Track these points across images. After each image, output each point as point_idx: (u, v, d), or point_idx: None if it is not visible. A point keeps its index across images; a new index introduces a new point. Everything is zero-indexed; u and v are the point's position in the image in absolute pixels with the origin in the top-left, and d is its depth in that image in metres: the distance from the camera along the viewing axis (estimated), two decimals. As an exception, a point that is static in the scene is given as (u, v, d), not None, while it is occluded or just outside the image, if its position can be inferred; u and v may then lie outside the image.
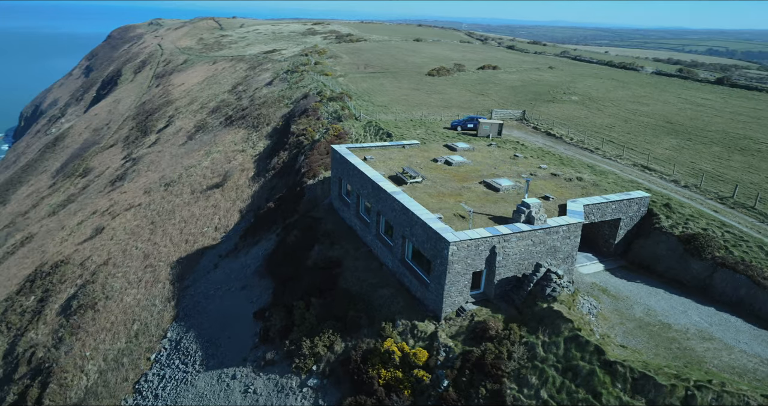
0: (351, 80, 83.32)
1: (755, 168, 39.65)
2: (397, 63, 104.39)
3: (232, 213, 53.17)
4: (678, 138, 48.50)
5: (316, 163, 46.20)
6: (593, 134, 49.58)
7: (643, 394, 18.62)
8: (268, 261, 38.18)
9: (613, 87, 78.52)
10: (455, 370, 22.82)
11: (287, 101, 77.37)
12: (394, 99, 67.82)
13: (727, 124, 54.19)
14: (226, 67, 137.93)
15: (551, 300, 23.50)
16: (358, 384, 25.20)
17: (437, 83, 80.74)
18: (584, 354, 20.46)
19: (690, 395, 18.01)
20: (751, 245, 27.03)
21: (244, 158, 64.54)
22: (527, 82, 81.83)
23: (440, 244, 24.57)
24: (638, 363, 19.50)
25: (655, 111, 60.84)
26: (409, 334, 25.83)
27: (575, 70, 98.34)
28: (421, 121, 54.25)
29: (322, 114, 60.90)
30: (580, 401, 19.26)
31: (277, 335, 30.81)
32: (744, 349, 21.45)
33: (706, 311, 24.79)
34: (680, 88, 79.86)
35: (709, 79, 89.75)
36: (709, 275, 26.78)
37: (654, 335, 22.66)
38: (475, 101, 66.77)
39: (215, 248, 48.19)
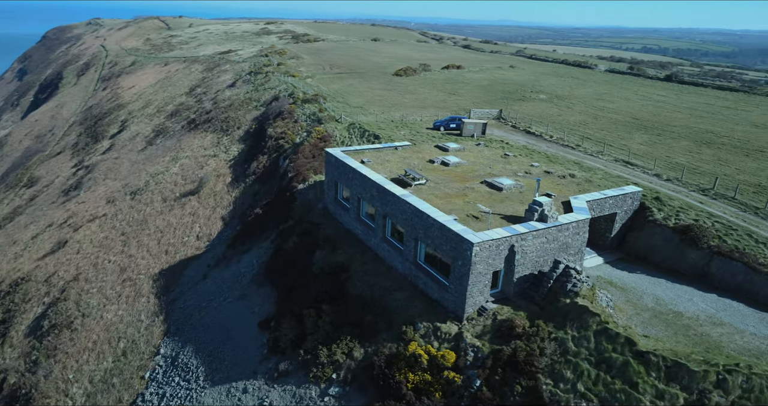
0: (320, 81, 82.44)
1: (724, 160, 42.36)
2: (361, 63, 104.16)
3: (214, 221, 51.51)
4: (648, 134, 51.10)
5: (303, 167, 45.47)
6: (569, 132, 51.42)
7: (676, 381, 19.59)
8: (266, 269, 37.27)
9: (575, 85, 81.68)
10: (486, 369, 23.16)
11: (256, 104, 75.65)
12: (368, 100, 67.69)
13: (687, 120, 57.58)
14: (180, 69, 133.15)
15: (573, 295, 24.27)
16: (384, 389, 25.09)
17: (407, 83, 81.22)
18: (615, 346, 21.29)
19: (721, 379, 19.12)
20: (741, 234, 28.91)
21: (217, 163, 62.62)
22: (494, 81, 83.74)
23: (462, 245, 24.84)
24: (668, 352, 20.50)
25: (620, 108, 63.81)
26: (432, 336, 25.97)
27: (535, 69, 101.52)
28: (403, 122, 54.47)
29: (299, 116, 59.98)
30: (617, 392, 20.03)
31: (289, 345, 30.17)
32: (754, 332, 22.97)
33: (709, 298, 26.32)
34: (635, 86, 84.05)
35: (659, 76, 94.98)
36: (707, 263, 28.44)
37: (670, 323, 23.85)
38: (448, 101, 67.67)
39: (200, 257, 46.55)
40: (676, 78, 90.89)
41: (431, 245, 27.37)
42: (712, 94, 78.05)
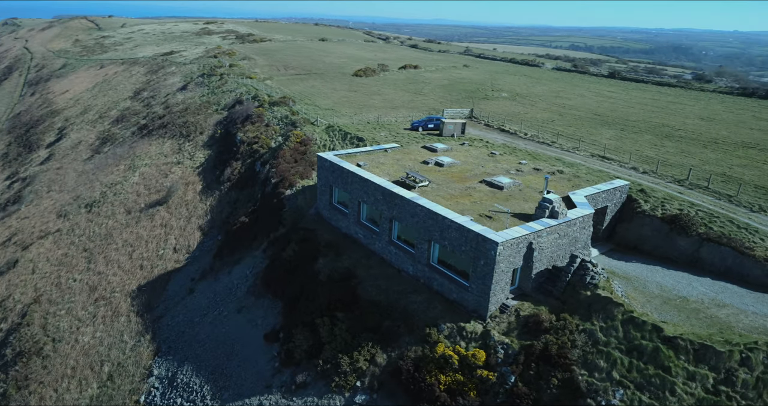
0: (280, 83, 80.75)
1: (687, 152, 45.59)
2: (316, 64, 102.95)
3: (191, 231, 49.30)
4: (613, 129, 54.04)
5: (288, 172, 44.47)
6: (540, 129, 53.44)
7: (705, 362, 21.02)
8: (263, 279, 36.19)
9: (531, 83, 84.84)
10: (520, 365, 23.78)
11: (216, 107, 73.01)
12: (337, 102, 67.08)
13: (642, 115, 61.40)
14: (119, 72, 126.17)
15: (593, 287, 25.38)
16: (415, 393, 25.16)
17: (369, 84, 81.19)
18: (644, 333, 22.51)
19: (745, 357, 20.71)
20: (723, 221, 31.29)
21: (184, 171, 59.94)
22: (453, 80, 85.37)
23: (485, 245, 25.31)
24: (693, 335, 21.94)
25: (579, 105, 67.01)
26: (458, 336, 26.30)
27: (488, 68, 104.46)
28: (379, 123, 54.47)
29: (270, 120, 58.53)
30: (651, 377, 21.21)
31: (304, 356, 29.54)
32: (755, 311, 25.00)
33: (705, 282, 28.34)
34: (584, 83, 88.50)
35: (603, 73, 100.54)
36: (696, 249, 30.58)
37: (680, 308, 25.47)
38: (416, 101, 68.33)
39: (182, 271, 44.48)
40: (618, 75, 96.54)
41: (448, 247, 27.66)
42: (654, 90, 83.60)
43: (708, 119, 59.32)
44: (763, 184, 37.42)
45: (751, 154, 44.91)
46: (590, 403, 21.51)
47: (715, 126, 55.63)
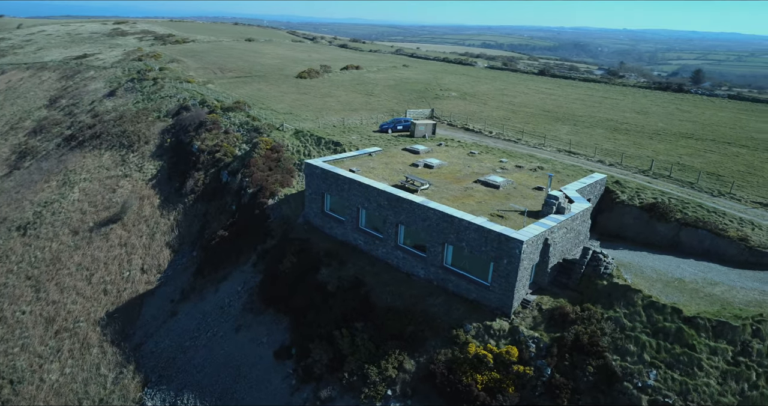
0: (223, 87, 77.32)
1: (639, 144, 49.60)
2: (252, 66, 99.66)
3: (157, 249, 46.02)
4: (566, 124, 57.46)
5: (264, 181, 42.83)
6: (502, 127, 55.62)
7: (723, 337, 23.20)
8: (260, 295, 34.72)
9: (472, 82, 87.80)
10: (554, 357, 24.83)
11: (157, 114, 68.51)
12: (291, 105, 65.44)
13: (585, 110, 65.81)
14: (25, 78, 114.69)
15: (608, 277, 27.05)
16: (452, 395, 25.45)
17: (317, 86, 79.97)
18: (665, 316, 24.38)
19: (755, 329, 23.12)
20: (694, 206, 34.51)
21: (134, 185, 55.75)
22: (399, 81, 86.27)
23: (509, 244, 26.10)
24: (708, 314, 24.10)
25: (526, 102, 70.47)
26: (485, 335, 26.92)
27: (427, 68, 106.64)
28: (345, 127, 53.96)
29: (229, 127, 55.95)
30: (679, 355, 23.06)
31: (325, 370, 28.81)
32: (743, 286, 27.87)
33: (691, 264, 31.12)
34: (521, 80, 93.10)
35: (533, 71, 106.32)
36: (676, 234, 33.49)
37: (680, 289, 27.80)
38: (371, 102, 68.34)
39: (156, 293, 41.51)
40: (548, 72, 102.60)
41: (466, 248, 28.17)
42: (584, 86, 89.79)
43: (642, 113, 64.81)
44: (711, 170, 41.62)
45: (691, 144, 49.76)
46: (627, 386, 22.98)
47: (651, 119, 60.93)
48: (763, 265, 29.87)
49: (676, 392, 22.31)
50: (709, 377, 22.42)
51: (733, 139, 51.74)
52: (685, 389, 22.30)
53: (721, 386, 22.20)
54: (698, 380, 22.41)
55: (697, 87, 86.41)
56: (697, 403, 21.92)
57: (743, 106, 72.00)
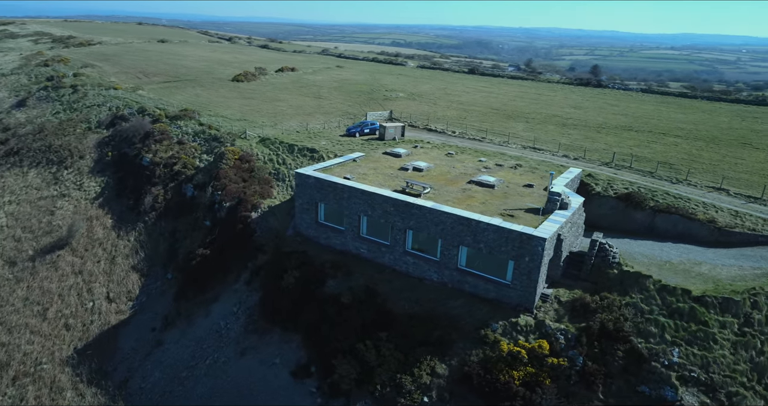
0: (155, 93, 72.08)
1: (591, 138, 53.36)
2: (177, 69, 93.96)
3: (122, 274, 42.08)
4: (518, 121, 60.32)
5: (241, 193, 40.68)
6: (460, 126, 57.21)
7: (728, 311, 25.84)
8: (262, 314, 33.07)
9: (412, 82, 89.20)
10: (584, 346, 26.21)
11: (87, 125, 62.54)
12: (241, 111, 62.54)
13: (528, 107, 69.49)
14: None
15: (617, 266, 28.99)
16: (491, 394, 25.99)
17: (259, 90, 77.09)
18: (677, 297, 26.63)
19: (753, 301, 26.01)
20: (661, 194, 37.89)
21: (77, 205, 50.51)
22: (341, 82, 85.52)
23: (531, 242, 27.11)
24: (712, 291, 26.69)
25: (472, 101, 72.96)
26: (513, 331, 27.76)
27: (361, 68, 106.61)
28: (309, 132, 52.65)
29: (182, 136, 52.34)
30: (696, 332, 25.36)
31: (354, 385, 28.16)
32: (722, 263, 31.12)
33: (671, 247, 34.18)
34: (457, 79, 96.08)
35: (464, 70, 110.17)
36: (651, 220, 36.60)
37: (673, 271, 30.46)
38: (323, 105, 67.17)
39: (131, 322, 38.09)
40: (477, 71, 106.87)
41: (484, 249, 28.81)
42: (514, 83, 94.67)
43: (578, 108, 69.72)
44: (661, 160, 45.84)
45: (634, 136, 54.45)
46: (655, 365, 24.87)
47: (589, 113, 65.77)
48: (731, 243, 33.55)
49: (699, 366, 24.54)
50: (723, 349, 24.90)
51: (665, 129, 57.33)
52: (705, 362, 24.60)
53: (733, 355, 24.76)
54: (715, 352, 24.80)
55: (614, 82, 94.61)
56: (717, 373, 24.27)
57: (658, 99, 79.90)
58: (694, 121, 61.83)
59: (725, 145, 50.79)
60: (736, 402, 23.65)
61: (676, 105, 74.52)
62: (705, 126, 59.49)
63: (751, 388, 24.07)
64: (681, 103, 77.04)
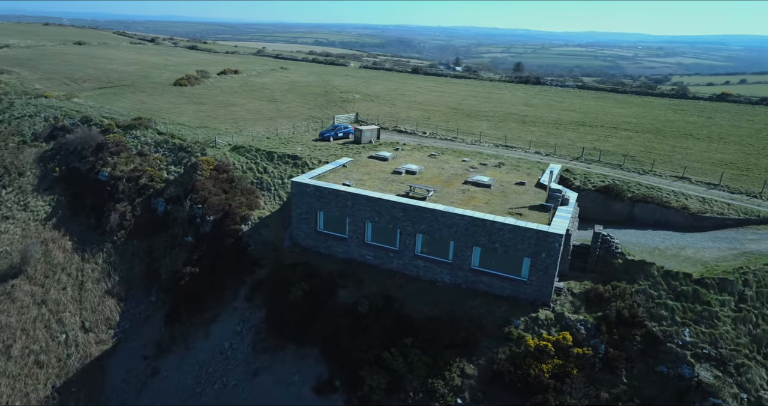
0: (92, 100, 66.68)
1: (553, 134, 56.07)
2: (107, 74, 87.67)
3: (96, 301, 38.61)
4: (480, 120, 62.07)
5: (227, 205, 38.67)
6: (427, 126, 57.94)
7: (725, 290, 28.31)
8: (274, 330, 31.75)
9: (363, 83, 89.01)
10: (604, 334, 27.64)
11: (21, 138, 56.70)
12: (197, 118, 59.34)
13: (484, 105, 71.71)
14: None
15: (620, 256, 30.79)
16: (523, 389, 26.72)
17: (208, 94, 73.51)
18: (680, 281, 28.76)
19: (744, 280, 28.69)
20: (635, 185, 40.69)
21: (25, 227, 45.66)
22: (291, 85, 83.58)
23: (548, 239, 28.14)
24: (708, 273, 29.09)
25: (429, 100, 74.06)
26: (534, 326, 28.69)
27: (306, 70, 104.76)
28: (281, 138, 51.04)
29: (142, 147, 48.77)
30: (702, 312, 27.55)
31: (384, 395, 27.83)
32: (703, 246, 33.99)
33: (653, 234, 36.79)
34: (405, 79, 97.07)
35: (407, 70, 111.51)
36: (630, 210, 39.20)
37: (664, 256, 32.84)
38: (282, 109, 65.32)
39: (117, 351, 35.15)
40: (421, 71, 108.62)
41: (500, 248, 29.49)
42: (461, 82, 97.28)
43: (529, 105, 72.99)
44: (622, 152, 49.16)
45: (591, 131, 57.92)
46: (671, 346, 26.75)
47: (541, 110, 69.06)
48: (703, 227, 36.75)
49: (708, 343, 26.71)
50: (725, 325, 27.27)
51: (614, 124, 61.50)
52: (713, 338, 26.83)
53: (735, 330, 27.19)
54: (720, 329, 27.11)
55: (551, 80, 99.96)
56: (724, 348, 26.56)
57: (594, 95, 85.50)
58: (635, 115, 66.83)
59: (671, 137, 55.41)
60: (743, 372, 26.02)
61: (613, 100, 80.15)
62: (646, 119, 64.52)
63: (753, 358, 26.56)
64: (615, 98, 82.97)
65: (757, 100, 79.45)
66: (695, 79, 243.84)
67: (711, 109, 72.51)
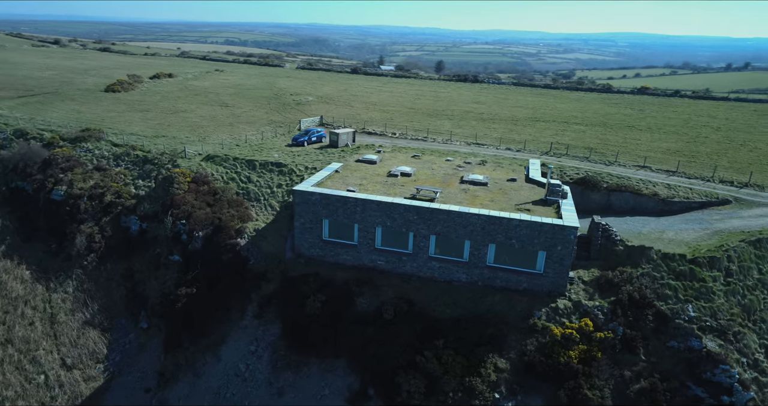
0: (18, 111, 59.86)
1: (514, 130, 58.58)
2: (22, 80, 79.34)
3: (73, 334, 34.91)
4: (442, 119, 63.35)
5: (217, 219, 36.48)
6: (393, 127, 58.24)
7: (715, 267, 31.36)
8: (295, 345, 30.56)
9: (310, 85, 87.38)
10: (620, 317, 29.57)
11: (-61, 158, 49.52)
12: (150, 127, 55.19)
13: (438, 104, 73.21)
14: None
15: (620, 243, 33.01)
16: (556, 376, 27.88)
17: (149, 101, 68.56)
18: (677, 262, 31.41)
19: (728, 256, 31.96)
20: (605, 175, 43.72)
21: (-32, 259, 40.11)
22: (237, 88, 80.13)
23: (563, 232, 29.56)
24: (698, 253, 32.04)
25: (384, 101, 74.29)
26: (555, 315, 30.03)
27: (242, 72, 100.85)
28: (252, 145, 48.90)
29: (98, 162, 44.56)
30: (698, 288, 30.32)
31: (423, 399, 27.86)
32: (680, 228, 37.31)
33: (631, 220, 39.74)
34: (349, 80, 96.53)
35: (346, 70, 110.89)
36: (607, 199, 42.09)
37: (649, 240, 35.50)
38: (238, 114, 62.49)
39: (113, 386, 32.22)
40: (360, 71, 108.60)
41: (516, 244, 30.50)
42: (403, 82, 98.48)
43: (479, 103, 75.63)
44: (583, 145, 52.51)
45: (546, 126, 61.19)
46: (679, 322, 29.22)
47: (493, 108, 71.83)
48: (673, 211, 40.36)
49: (709, 316, 29.50)
50: (720, 298, 30.26)
51: (564, 118, 65.45)
52: (712, 311, 29.67)
53: (728, 302, 30.26)
54: (716, 302, 30.03)
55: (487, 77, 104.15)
56: (722, 319, 29.48)
57: (531, 91, 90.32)
58: (578, 110, 71.58)
59: (618, 129, 60.04)
60: (740, 339, 29.06)
61: (551, 96, 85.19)
62: (589, 113, 69.33)
63: (746, 326, 29.76)
64: (550, 94, 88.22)
65: (672, 92, 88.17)
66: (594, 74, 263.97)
67: (638, 102, 79.42)
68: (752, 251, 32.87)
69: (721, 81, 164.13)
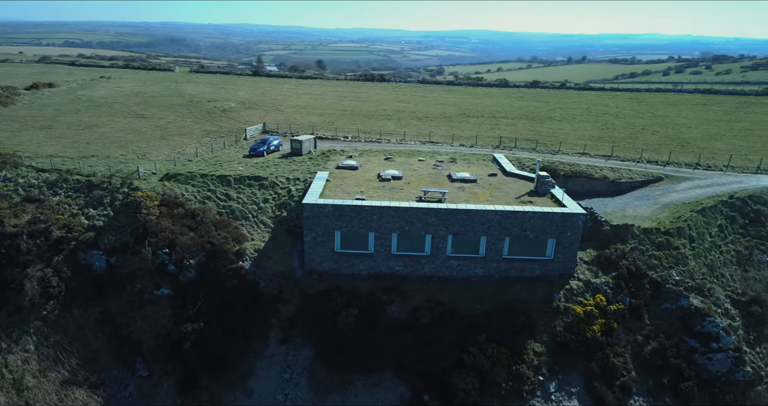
0: None
1: (455, 127, 61.13)
2: None
3: (56, 396, 29.32)
4: (382, 120, 63.71)
5: (207, 244, 33.08)
6: (342, 131, 57.37)
7: (681, 236, 36.44)
8: (334, 365, 29.21)
9: (217, 90, 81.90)
10: (624, 289, 33.07)
11: None
12: (69, 147, 47.71)
13: (369, 105, 73.35)
14: None
15: (607, 224, 36.70)
16: (586, 351, 30.53)
17: (44, 115, 59.16)
18: (655, 235, 35.82)
19: (688, 225, 37.30)
20: (558, 163, 47.98)
21: None
22: (139, 96, 72.23)
23: (572, 219, 32.17)
24: (667, 226, 36.89)
25: (313, 104, 72.46)
26: (571, 296, 32.62)
27: (135, 78, 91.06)
28: (206, 159, 44.83)
29: (25, 192, 37.56)
30: (676, 255, 35.00)
31: (478, 395, 28.62)
32: (635, 205, 42.40)
33: (591, 201, 43.96)
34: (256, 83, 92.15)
35: (247, 73, 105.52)
36: (565, 184, 46.18)
37: (616, 217, 39.97)
38: (165, 126, 56.58)
39: (126, 450, 27.71)
40: (262, 73, 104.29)
41: (531, 235, 32.45)
42: (315, 83, 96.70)
43: (403, 101, 77.35)
44: (524, 137, 56.74)
45: (480, 122, 64.77)
46: (669, 287, 33.57)
47: (419, 106, 73.99)
48: (622, 191, 45.78)
49: (689, 277, 34.33)
50: (692, 262, 35.32)
51: (489, 113, 69.86)
52: (690, 273, 34.56)
53: (696, 264, 35.44)
54: (690, 265, 35.00)
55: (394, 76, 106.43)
56: (697, 279, 34.50)
57: (440, 88, 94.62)
58: (495, 105, 76.86)
59: (541, 121, 65.82)
60: (712, 293, 34.29)
61: (459, 92, 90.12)
62: (508, 108, 74.87)
63: (713, 281, 35.18)
64: (457, 90, 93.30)
65: (559, 84, 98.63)
66: (460, 69, 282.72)
67: (537, 95, 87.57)
68: (701, 219, 38.73)
69: (571, 72, 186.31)
